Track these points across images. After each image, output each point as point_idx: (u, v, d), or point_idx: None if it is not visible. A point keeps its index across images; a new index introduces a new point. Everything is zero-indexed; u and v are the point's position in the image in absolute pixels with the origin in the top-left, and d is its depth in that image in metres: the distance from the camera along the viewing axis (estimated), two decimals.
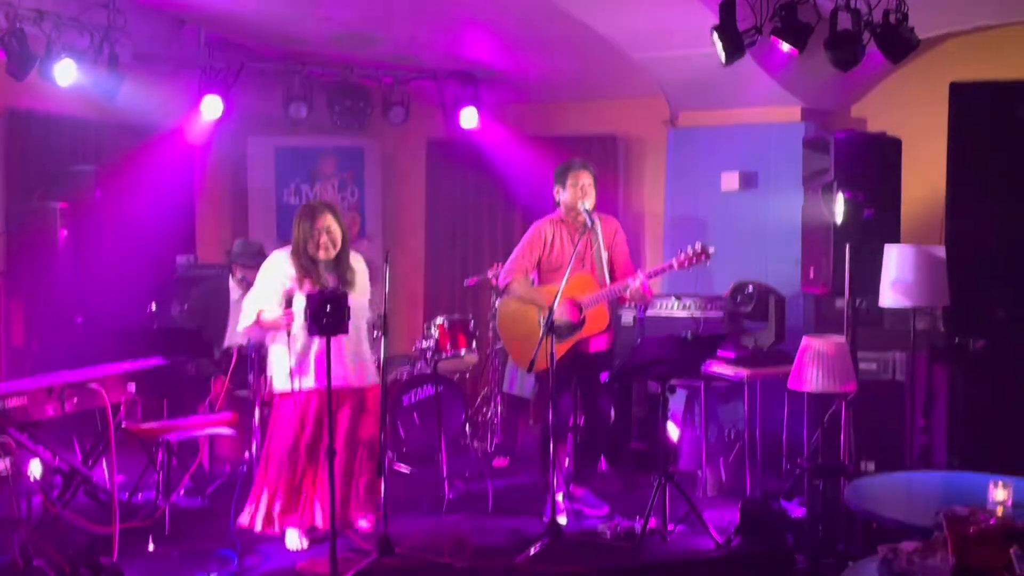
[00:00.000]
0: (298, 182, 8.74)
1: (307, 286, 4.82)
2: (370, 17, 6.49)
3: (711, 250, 5.23)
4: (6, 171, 6.75)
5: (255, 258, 5.96)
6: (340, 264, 4.95)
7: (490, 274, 6.93)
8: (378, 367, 5.05)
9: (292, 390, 4.84)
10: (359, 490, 5.01)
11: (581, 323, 5.37)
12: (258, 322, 4.86)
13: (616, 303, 5.58)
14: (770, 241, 6.89)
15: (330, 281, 4.91)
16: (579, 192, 5.45)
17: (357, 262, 5.07)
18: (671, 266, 5.30)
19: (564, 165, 5.58)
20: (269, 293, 4.89)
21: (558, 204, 5.59)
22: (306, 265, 4.89)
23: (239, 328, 5.05)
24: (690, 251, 5.25)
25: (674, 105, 7.48)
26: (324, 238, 4.88)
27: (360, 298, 4.98)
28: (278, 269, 4.94)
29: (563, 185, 5.51)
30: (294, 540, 4.97)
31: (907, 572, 3.04)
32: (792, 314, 6.48)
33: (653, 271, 5.41)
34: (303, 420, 4.88)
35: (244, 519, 4.94)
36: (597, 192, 5.54)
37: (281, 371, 4.90)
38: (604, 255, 5.49)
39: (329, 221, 4.90)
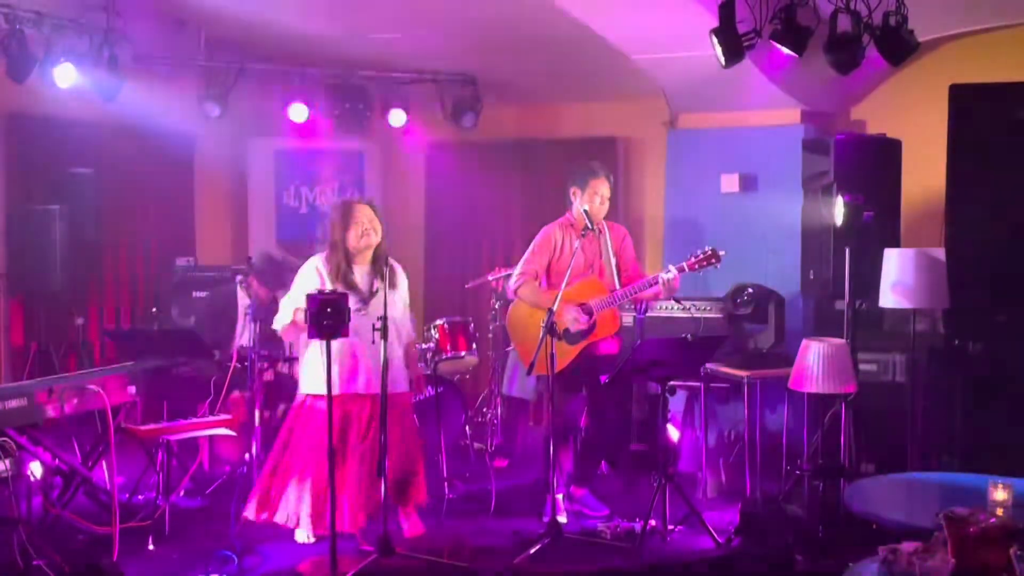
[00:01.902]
0: (298, 184, 8.74)
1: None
2: (370, 18, 6.49)
3: (722, 253, 5.20)
4: (6, 173, 6.76)
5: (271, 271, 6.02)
6: (377, 261, 5.02)
7: (490, 276, 6.93)
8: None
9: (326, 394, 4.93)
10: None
11: (591, 327, 5.36)
12: (293, 322, 4.95)
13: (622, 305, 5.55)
14: (770, 243, 6.89)
15: (365, 283, 4.99)
16: (596, 201, 5.43)
17: (396, 266, 5.14)
18: (682, 269, 5.25)
19: (587, 171, 5.49)
20: (303, 296, 4.90)
21: (569, 206, 5.57)
22: (340, 265, 4.99)
23: (275, 326, 5.13)
24: (700, 254, 5.24)
25: (674, 107, 7.49)
26: (367, 226, 5.01)
27: (395, 300, 5.01)
28: (312, 271, 5.05)
29: (582, 190, 5.46)
30: (303, 533, 5.01)
31: (907, 573, 3.04)
32: (792, 316, 6.50)
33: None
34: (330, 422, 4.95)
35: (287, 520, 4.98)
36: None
37: (312, 373, 4.95)
38: (613, 260, 5.48)
39: (369, 212, 5.07)
